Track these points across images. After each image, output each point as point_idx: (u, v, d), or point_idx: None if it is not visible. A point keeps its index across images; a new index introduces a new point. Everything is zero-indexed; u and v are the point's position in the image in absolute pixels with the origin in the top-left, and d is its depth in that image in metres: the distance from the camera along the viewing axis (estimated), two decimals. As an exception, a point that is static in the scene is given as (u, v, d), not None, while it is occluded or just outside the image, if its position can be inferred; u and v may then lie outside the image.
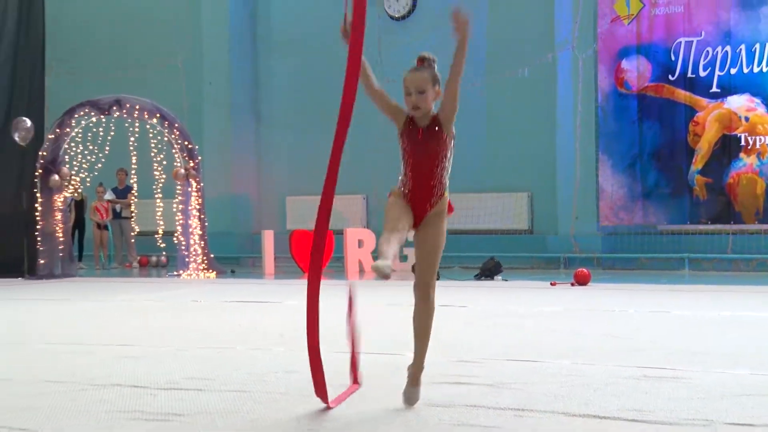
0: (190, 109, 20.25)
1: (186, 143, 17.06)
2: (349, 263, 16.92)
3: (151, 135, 17.79)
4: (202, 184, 17.34)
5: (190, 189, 17.00)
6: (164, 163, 17.96)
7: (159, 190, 18.06)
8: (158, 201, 18.20)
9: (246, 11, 20.78)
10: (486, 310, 10.48)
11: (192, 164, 17.03)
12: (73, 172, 17.26)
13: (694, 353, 6.94)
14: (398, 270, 15.11)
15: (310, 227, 17.35)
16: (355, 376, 5.37)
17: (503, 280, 14.84)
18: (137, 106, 16.84)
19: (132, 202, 19.67)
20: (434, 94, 5.01)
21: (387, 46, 18.29)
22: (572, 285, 13.53)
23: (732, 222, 16.28)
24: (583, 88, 17.30)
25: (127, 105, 16.79)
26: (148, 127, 17.56)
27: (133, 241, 19.81)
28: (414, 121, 5.03)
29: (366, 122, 15.96)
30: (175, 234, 17.22)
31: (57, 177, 16.46)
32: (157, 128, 17.34)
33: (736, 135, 16.15)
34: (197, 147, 17.46)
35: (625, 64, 16.98)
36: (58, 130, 16.62)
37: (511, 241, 18.19)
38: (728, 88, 16.20)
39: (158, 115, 16.96)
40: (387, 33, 18.71)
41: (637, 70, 16.88)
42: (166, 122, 17.00)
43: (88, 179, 17.98)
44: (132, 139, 18.01)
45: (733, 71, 16.17)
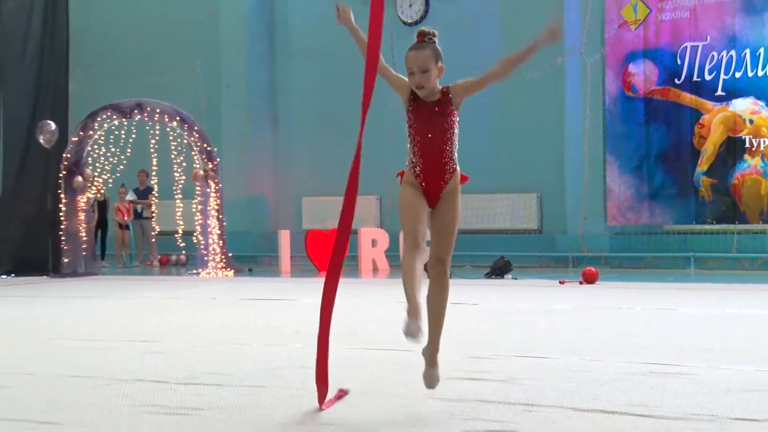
0: (208, 112, 20.28)
1: (205, 145, 17.09)
2: (363, 262, 16.94)
3: (171, 137, 17.82)
4: (221, 186, 17.36)
5: (208, 190, 17.02)
6: (184, 164, 18.00)
7: (179, 191, 18.09)
8: (178, 202, 18.23)
9: (263, 19, 20.81)
10: (496, 307, 10.47)
11: (211, 166, 17.05)
12: (96, 174, 17.31)
13: (700, 350, 6.93)
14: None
15: (325, 227, 17.56)
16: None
17: (513, 278, 14.82)
18: (158, 110, 16.87)
19: (153, 202, 19.71)
20: (437, 71, 4.84)
21: (400, 52, 18.23)
22: (580, 283, 13.50)
23: (737, 222, 16.22)
24: (591, 91, 17.27)
25: (148, 108, 16.83)
26: (168, 129, 17.59)
27: (153, 240, 19.85)
28: (420, 97, 4.86)
29: (380, 124, 15.99)
30: (195, 234, 17.24)
31: (80, 178, 16.51)
32: (177, 131, 17.38)
33: (741, 137, 16.09)
34: (216, 149, 17.49)
35: (632, 68, 16.94)
36: (81, 132, 16.68)
37: (520, 240, 18.17)
38: (733, 92, 16.14)
39: (178, 118, 16.99)
40: (400, 38, 18.63)
41: (643, 74, 16.83)
42: (186, 125, 17.03)
43: (111, 180, 18.02)
44: (153, 141, 18.05)
45: (737, 75, 16.11)
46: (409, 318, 4.55)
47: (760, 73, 15.93)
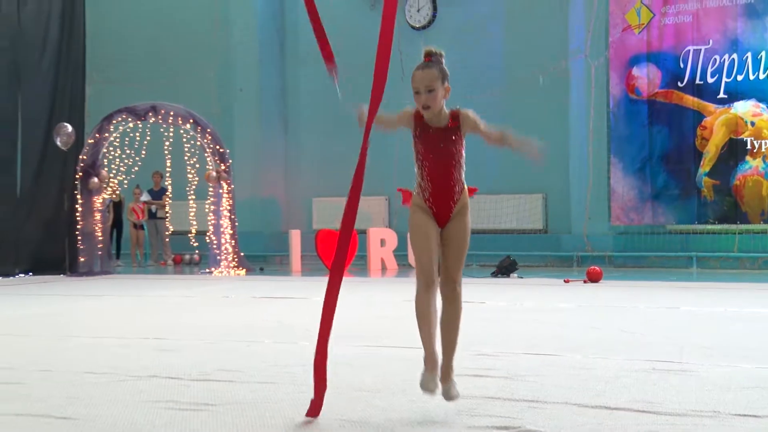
0: (221, 115, 20.31)
1: (218, 147, 17.11)
2: (371, 262, 16.95)
3: (184, 140, 17.85)
4: (233, 186, 17.38)
5: (221, 191, 17.05)
6: (197, 166, 18.02)
7: (192, 192, 18.12)
8: (191, 202, 18.25)
9: (274, 24, 20.84)
10: (502, 306, 10.46)
11: (223, 167, 17.07)
12: (112, 175, 17.34)
13: (702, 348, 6.91)
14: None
15: (335, 227, 17.55)
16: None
17: (519, 277, 14.81)
18: (172, 113, 16.91)
19: (167, 203, 19.74)
20: (444, 91, 4.67)
21: (408, 56, 18.25)
22: (585, 282, 13.49)
23: (738, 222, 16.19)
24: (596, 94, 17.26)
25: (162, 111, 16.86)
26: (182, 132, 17.62)
27: (167, 240, 19.89)
28: (426, 123, 4.71)
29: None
30: (207, 233, 17.27)
31: (96, 180, 16.55)
32: (191, 133, 17.41)
33: (743, 139, 16.06)
34: (228, 151, 17.51)
35: (635, 71, 16.92)
36: (97, 135, 16.72)
37: (526, 240, 18.16)
38: (735, 94, 16.11)
39: (191, 120, 17.02)
40: (408, 43, 18.64)
41: (647, 77, 16.81)
42: (199, 127, 17.05)
43: (126, 181, 18.05)
44: (167, 143, 18.08)
45: (739, 78, 16.08)
46: (425, 370, 4.56)
47: (761, 76, 15.90)
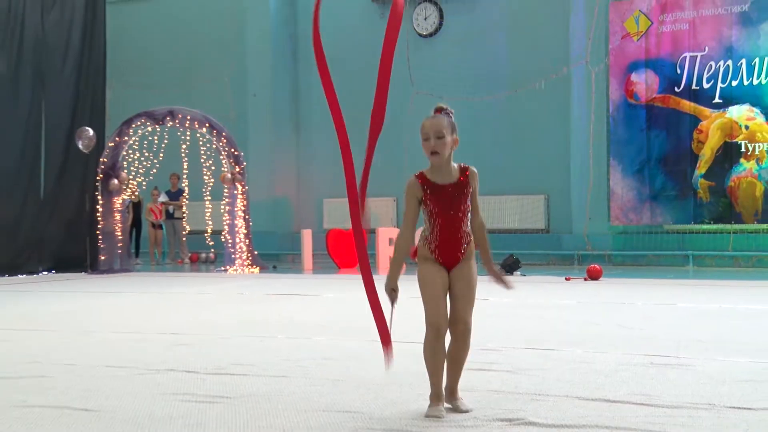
0: (236, 119, 20.33)
1: (232, 150, 17.13)
2: (380, 260, 16.94)
3: (200, 143, 17.88)
4: (247, 188, 17.39)
5: (236, 192, 17.06)
6: (213, 168, 18.05)
7: (208, 193, 18.15)
8: (207, 203, 18.28)
9: (287, 31, 20.85)
10: (506, 302, 10.45)
11: (238, 169, 17.09)
12: (131, 177, 17.38)
13: (698, 342, 6.90)
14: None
15: (345, 227, 17.56)
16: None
17: (522, 275, 14.79)
18: (188, 117, 16.93)
19: (183, 203, 19.78)
20: (452, 141, 4.58)
21: (416, 62, 18.32)
22: (585, 280, 13.47)
23: (733, 222, 16.15)
24: (596, 99, 17.23)
25: (180, 116, 16.89)
26: (198, 135, 17.65)
27: (184, 239, 19.92)
28: (435, 183, 4.59)
29: (396, 129, 15.98)
30: (223, 233, 17.29)
31: (116, 181, 16.59)
32: (207, 136, 17.43)
33: (737, 142, 16.02)
34: (243, 154, 17.53)
35: (634, 77, 16.88)
36: (117, 138, 16.75)
37: (529, 239, 18.14)
38: (730, 99, 16.08)
39: (207, 124, 17.04)
40: (415, 49, 18.71)
41: (645, 83, 16.78)
42: (215, 131, 17.07)
43: (144, 183, 18.09)
44: (184, 146, 18.11)
45: (734, 83, 16.04)
46: (432, 405, 4.54)
47: (755, 82, 15.87)
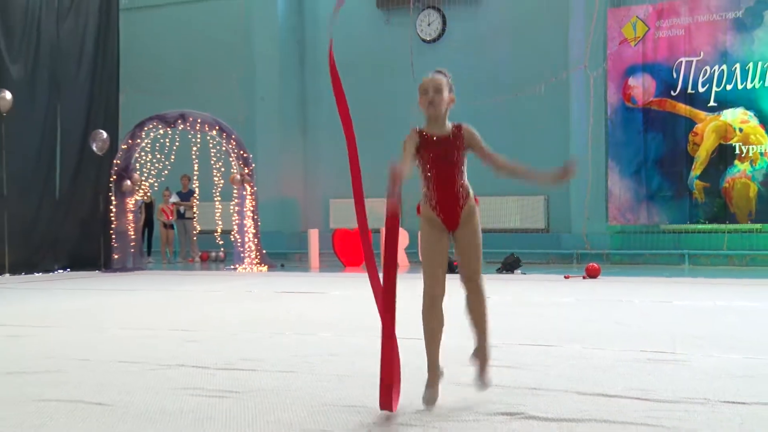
0: (245, 122, 20.34)
1: (241, 152, 17.14)
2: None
3: (211, 145, 17.89)
4: (256, 189, 17.40)
5: (245, 193, 17.07)
6: (222, 169, 18.06)
7: (218, 194, 18.16)
8: (217, 203, 18.30)
9: (294, 36, 20.85)
10: (507, 300, 10.45)
11: (247, 171, 17.10)
12: (143, 178, 17.40)
13: (693, 339, 6.89)
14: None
15: (351, 227, 17.58)
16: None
17: (522, 273, 14.79)
18: (199, 120, 16.94)
19: (194, 204, 19.79)
20: (449, 99, 4.72)
21: (419, 67, 18.28)
22: (584, 278, 13.46)
23: (727, 222, 16.13)
24: (595, 102, 17.21)
25: (190, 119, 16.90)
26: (208, 138, 17.66)
27: (195, 238, 19.93)
28: (430, 135, 4.70)
29: (399, 131, 15.95)
30: (232, 232, 17.30)
31: (129, 182, 16.61)
32: (216, 139, 17.44)
33: (732, 144, 16.00)
34: (251, 155, 17.54)
35: (631, 81, 16.87)
36: (130, 141, 16.77)
37: (529, 238, 18.13)
38: (724, 103, 16.06)
39: (217, 127, 17.05)
40: (419, 54, 18.70)
41: (642, 87, 16.76)
42: (224, 134, 17.08)
43: (156, 184, 18.10)
44: (194, 148, 18.12)
45: (728, 87, 16.02)
46: (428, 386, 4.59)
47: (749, 86, 15.85)
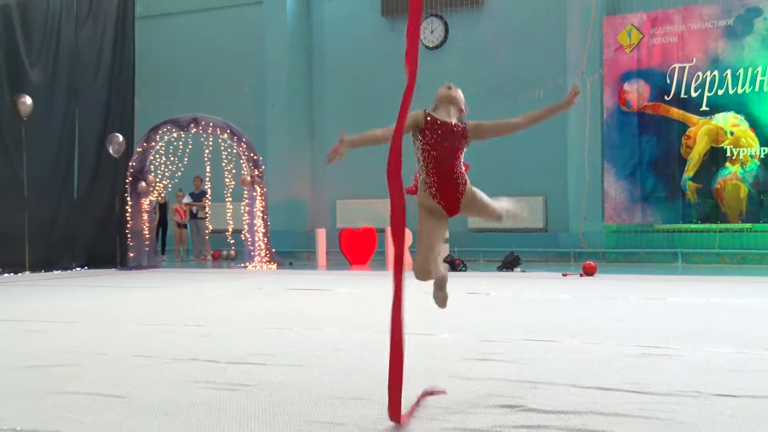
0: (255, 126, 20.33)
1: (252, 155, 17.14)
2: (389, 257, 16.94)
3: (222, 148, 17.90)
4: (265, 190, 17.41)
5: (255, 194, 17.08)
6: (233, 171, 18.07)
7: (229, 195, 18.17)
8: (228, 204, 18.31)
9: (302, 44, 20.85)
10: (507, 297, 10.45)
11: (257, 172, 17.11)
12: (158, 180, 17.41)
13: (686, 334, 6.88)
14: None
15: (356, 226, 17.57)
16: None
17: (522, 271, 14.78)
18: (211, 124, 16.95)
19: (206, 204, 19.79)
20: (462, 107, 4.87)
21: (423, 73, 18.21)
22: (581, 276, 13.45)
23: (719, 222, 16.10)
24: (591, 106, 17.19)
25: (203, 123, 16.91)
26: (220, 141, 17.67)
27: (207, 237, 19.94)
28: (435, 120, 4.74)
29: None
30: (243, 232, 17.31)
31: (144, 184, 16.63)
32: (228, 142, 17.45)
33: (723, 147, 15.97)
34: (261, 158, 17.54)
35: (627, 86, 16.85)
36: (145, 144, 16.80)
37: (528, 238, 18.11)
38: (716, 107, 16.04)
39: (228, 131, 17.06)
40: (423, 61, 18.53)
41: (637, 92, 16.74)
42: (235, 137, 17.10)
43: (170, 185, 18.11)
44: (206, 151, 18.13)
45: (720, 92, 16.00)
46: (437, 288, 4.89)
47: (739, 91, 15.82)
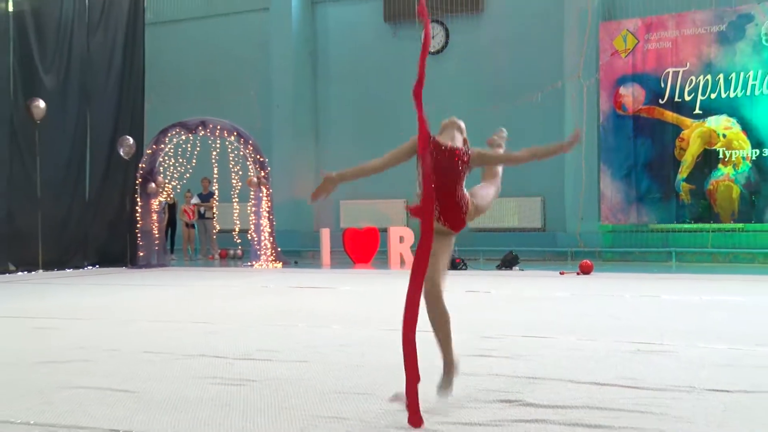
0: (261, 128, 20.34)
1: (258, 156, 17.15)
2: (391, 256, 16.95)
3: (229, 150, 17.90)
4: (271, 191, 17.41)
5: (261, 194, 17.09)
6: (240, 173, 18.07)
7: (236, 195, 18.17)
8: (235, 204, 18.31)
9: (307, 49, 20.84)
10: (506, 294, 10.44)
11: (263, 174, 17.11)
12: (167, 181, 17.42)
13: (680, 331, 6.88)
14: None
15: (359, 226, 17.57)
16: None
17: (520, 270, 14.77)
18: (218, 126, 16.96)
19: (214, 205, 19.80)
20: (463, 138, 4.59)
21: (425, 77, 18.26)
22: (578, 274, 13.45)
23: (711, 222, 16.09)
24: (588, 110, 17.19)
25: (210, 125, 16.92)
26: (227, 143, 17.67)
27: (214, 237, 19.94)
28: (438, 142, 4.44)
29: (408, 133, 15.94)
30: (249, 231, 17.32)
31: (153, 185, 16.63)
32: (235, 144, 17.45)
33: (716, 149, 15.96)
34: (267, 160, 17.54)
35: (622, 90, 16.83)
36: (154, 146, 16.80)
37: (526, 237, 18.10)
38: (709, 110, 16.03)
39: (235, 133, 17.07)
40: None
41: (632, 95, 16.73)
42: (242, 139, 17.10)
43: (179, 186, 18.12)
44: (214, 153, 18.13)
45: (713, 96, 15.99)
46: (445, 374, 4.42)
47: (732, 95, 15.81)
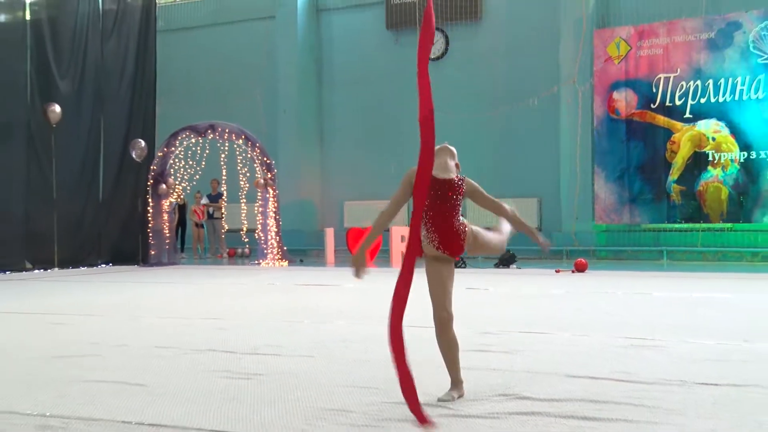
0: (268, 132, 20.34)
1: (265, 159, 17.15)
2: (393, 255, 16.93)
3: (237, 152, 17.90)
4: (278, 192, 17.41)
5: (268, 195, 17.09)
6: (247, 174, 18.06)
7: (243, 196, 18.17)
8: (243, 205, 18.32)
9: (312, 56, 20.84)
10: (504, 292, 10.44)
11: (269, 176, 17.11)
12: (177, 182, 17.42)
13: (671, 327, 6.88)
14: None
15: (363, 226, 17.56)
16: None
17: (517, 268, 14.77)
18: (227, 130, 16.96)
19: (222, 205, 19.81)
20: (455, 163, 4.53)
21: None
22: (573, 272, 13.44)
23: (701, 221, 16.07)
24: (582, 114, 17.17)
25: (219, 129, 16.92)
26: (235, 146, 17.67)
27: (223, 236, 19.95)
28: (433, 175, 4.28)
29: (407, 140, 15.96)
30: (256, 231, 17.31)
31: (164, 186, 16.64)
32: (242, 147, 17.45)
33: (705, 152, 15.94)
34: (273, 162, 17.54)
35: (615, 95, 16.82)
36: (165, 149, 16.81)
37: (523, 236, 17.86)
38: (699, 114, 16.00)
39: (243, 136, 17.07)
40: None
41: (625, 100, 16.71)
42: (250, 142, 17.10)
43: (188, 188, 18.12)
44: (222, 155, 18.14)
45: (702, 101, 15.97)
46: (453, 388, 4.44)
47: (721, 99, 15.79)
